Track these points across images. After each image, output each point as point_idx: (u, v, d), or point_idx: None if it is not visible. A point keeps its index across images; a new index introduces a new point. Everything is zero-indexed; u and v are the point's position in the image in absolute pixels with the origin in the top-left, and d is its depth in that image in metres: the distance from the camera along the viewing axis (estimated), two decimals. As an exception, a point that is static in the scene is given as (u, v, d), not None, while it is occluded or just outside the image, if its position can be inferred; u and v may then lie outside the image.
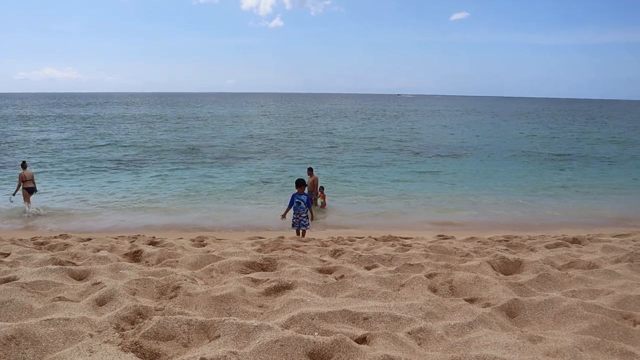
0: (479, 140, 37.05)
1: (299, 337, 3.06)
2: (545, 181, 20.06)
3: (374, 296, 4.27)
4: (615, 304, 4.00)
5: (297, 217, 9.83)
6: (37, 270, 4.81)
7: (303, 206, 9.75)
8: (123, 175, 20.70)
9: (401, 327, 3.48)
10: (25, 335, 3.05)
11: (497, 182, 19.73)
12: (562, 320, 3.73)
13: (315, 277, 4.93)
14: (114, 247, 7.12)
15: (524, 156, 28.08)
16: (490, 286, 4.48)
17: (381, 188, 18.35)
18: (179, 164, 23.99)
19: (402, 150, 30.92)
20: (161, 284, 4.55)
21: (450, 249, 6.81)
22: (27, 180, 14.17)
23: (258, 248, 7.18)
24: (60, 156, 26.03)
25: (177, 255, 6.23)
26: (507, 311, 3.93)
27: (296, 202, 9.72)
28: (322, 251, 6.89)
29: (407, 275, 4.86)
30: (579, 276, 4.97)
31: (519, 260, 5.75)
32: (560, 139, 39.72)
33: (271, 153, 28.21)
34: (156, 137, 36.50)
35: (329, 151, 29.99)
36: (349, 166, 23.76)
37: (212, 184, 19.05)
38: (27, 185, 14.13)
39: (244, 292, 4.25)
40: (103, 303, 3.93)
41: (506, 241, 8.50)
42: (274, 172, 21.89)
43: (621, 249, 6.70)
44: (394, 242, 8.28)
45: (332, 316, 3.57)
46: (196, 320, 3.37)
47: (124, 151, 28.19)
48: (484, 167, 24.04)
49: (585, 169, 23.79)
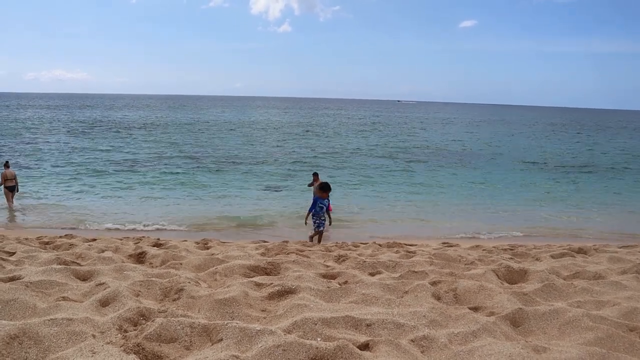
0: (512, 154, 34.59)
1: (302, 342, 3.04)
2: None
3: (377, 302, 4.25)
4: (621, 316, 3.96)
5: (317, 221, 9.87)
6: (41, 269, 4.83)
7: (325, 210, 9.85)
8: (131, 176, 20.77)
9: (404, 335, 3.46)
10: (28, 334, 3.05)
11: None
12: (567, 331, 3.69)
13: (318, 282, 4.92)
14: (118, 248, 7.15)
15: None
16: (494, 295, 4.45)
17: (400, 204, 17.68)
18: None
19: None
20: (165, 286, 4.55)
21: (454, 256, 6.78)
22: (9, 179, 14.64)
23: (262, 252, 7.19)
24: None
25: (181, 257, 6.25)
26: (511, 320, 3.90)
27: (319, 206, 9.76)
28: (326, 256, 6.88)
29: (411, 282, 4.84)
30: (585, 287, 4.93)
31: (524, 269, 5.72)
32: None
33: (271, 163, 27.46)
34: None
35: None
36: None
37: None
38: (8, 184, 14.63)
39: (247, 295, 4.25)
40: (106, 304, 3.94)
41: (511, 250, 8.46)
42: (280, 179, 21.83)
43: (628, 260, 6.64)
44: (398, 249, 8.26)
45: (335, 322, 3.55)
46: (199, 323, 3.37)
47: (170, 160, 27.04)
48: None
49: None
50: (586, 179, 24.27)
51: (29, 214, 14.26)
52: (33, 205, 15.21)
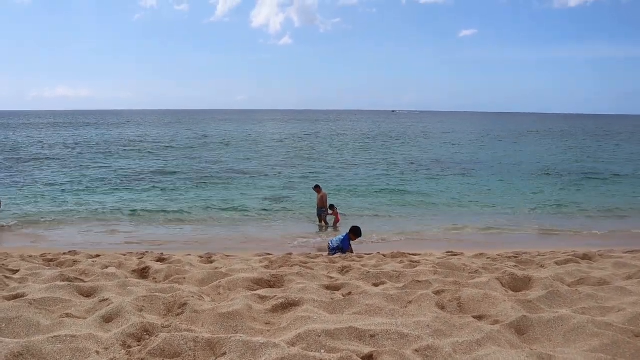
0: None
1: (306, 354, 3.04)
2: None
3: (381, 313, 4.24)
4: (627, 322, 3.93)
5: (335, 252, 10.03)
6: (45, 286, 4.84)
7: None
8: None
9: (408, 345, 3.44)
10: (32, 352, 3.06)
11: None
12: (572, 338, 3.67)
13: (322, 294, 4.91)
14: (122, 263, 7.15)
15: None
16: (498, 303, 4.43)
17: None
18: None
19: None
20: (168, 300, 4.55)
21: (458, 265, 6.76)
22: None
23: (266, 265, 7.18)
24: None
25: (184, 272, 6.24)
26: (516, 328, 3.88)
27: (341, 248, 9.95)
28: (330, 268, 6.87)
29: (414, 292, 4.82)
30: (589, 293, 4.90)
31: (528, 276, 5.69)
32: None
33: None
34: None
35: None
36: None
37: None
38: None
39: (251, 309, 4.24)
40: (110, 320, 3.94)
41: (515, 257, 8.42)
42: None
43: (633, 265, 6.60)
44: (402, 259, 8.23)
45: (339, 333, 3.54)
46: (203, 337, 3.36)
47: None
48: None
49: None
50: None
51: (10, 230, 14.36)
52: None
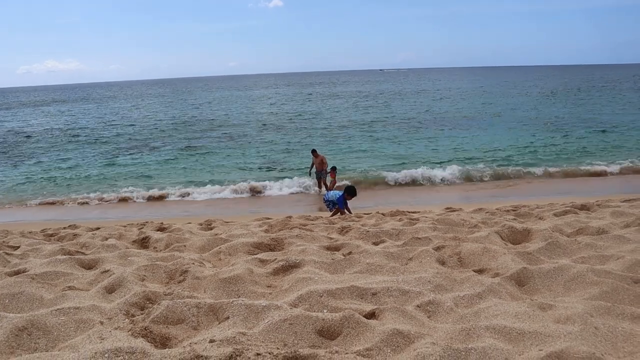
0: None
1: (308, 315, 3.06)
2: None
3: (382, 271, 4.26)
4: (626, 269, 3.96)
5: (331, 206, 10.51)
6: (46, 261, 4.84)
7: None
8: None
9: (410, 301, 3.47)
10: (36, 325, 3.07)
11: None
12: (572, 287, 3.70)
13: (322, 254, 4.93)
14: (122, 234, 7.16)
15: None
16: (498, 256, 4.46)
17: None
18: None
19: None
20: (169, 268, 4.57)
21: (458, 220, 6.78)
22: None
23: (265, 229, 7.19)
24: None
25: (185, 239, 6.26)
26: (516, 280, 3.90)
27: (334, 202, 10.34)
28: (330, 229, 6.89)
29: (415, 249, 4.84)
30: (588, 242, 4.93)
31: (527, 229, 5.71)
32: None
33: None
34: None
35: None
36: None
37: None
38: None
39: (252, 272, 4.26)
40: (112, 290, 3.95)
41: (514, 210, 8.45)
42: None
43: (630, 214, 6.62)
44: (401, 217, 8.25)
45: (341, 293, 3.56)
46: (205, 303, 3.38)
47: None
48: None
49: None
50: None
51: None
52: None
